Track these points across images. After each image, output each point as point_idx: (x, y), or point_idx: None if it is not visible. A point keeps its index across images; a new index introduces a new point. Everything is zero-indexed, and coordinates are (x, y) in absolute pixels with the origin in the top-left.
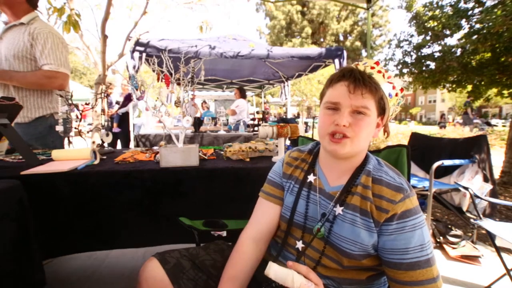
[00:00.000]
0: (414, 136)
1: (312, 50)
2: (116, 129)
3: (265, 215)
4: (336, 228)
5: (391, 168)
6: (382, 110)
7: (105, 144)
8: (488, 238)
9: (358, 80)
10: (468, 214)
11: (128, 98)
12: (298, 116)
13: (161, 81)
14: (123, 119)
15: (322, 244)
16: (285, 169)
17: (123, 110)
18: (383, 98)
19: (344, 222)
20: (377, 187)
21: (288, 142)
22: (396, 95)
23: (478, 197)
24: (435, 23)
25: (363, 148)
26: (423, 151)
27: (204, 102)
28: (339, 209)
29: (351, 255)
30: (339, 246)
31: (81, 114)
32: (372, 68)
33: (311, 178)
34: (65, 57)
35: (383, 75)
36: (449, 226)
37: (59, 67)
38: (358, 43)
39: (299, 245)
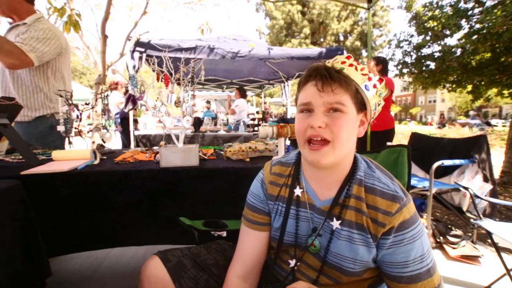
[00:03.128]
0: (414, 136)
1: (312, 50)
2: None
3: (250, 246)
4: (333, 247)
5: (383, 172)
6: (361, 105)
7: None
8: (488, 238)
9: (325, 77)
10: (468, 214)
11: (128, 99)
12: None
13: (161, 81)
14: (125, 120)
15: (318, 262)
16: (270, 190)
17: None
18: (360, 92)
19: (340, 239)
20: (371, 198)
21: (288, 142)
22: (374, 86)
23: (478, 197)
24: (435, 23)
25: (349, 152)
26: (423, 151)
27: (208, 102)
28: (336, 223)
29: (352, 273)
30: (339, 265)
31: (80, 114)
32: (343, 63)
33: (297, 191)
34: (47, 50)
35: (356, 68)
36: (449, 226)
37: (29, 52)
38: (358, 43)
39: (293, 263)
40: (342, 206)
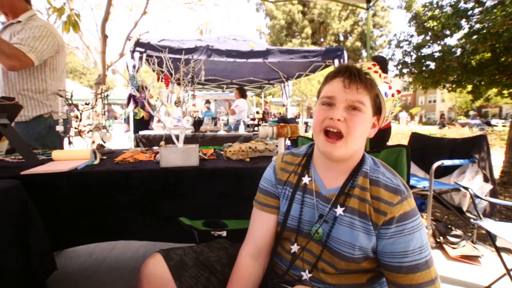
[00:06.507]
0: (414, 136)
1: (312, 50)
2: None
3: (261, 227)
4: (334, 232)
5: (387, 168)
6: (377, 109)
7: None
8: (488, 238)
9: (354, 75)
10: (468, 214)
11: (130, 99)
12: (298, 116)
13: (161, 81)
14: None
15: (319, 248)
16: (280, 176)
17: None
18: (379, 96)
19: (342, 225)
20: (374, 189)
21: (288, 142)
22: (393, 95)
23: (478, 197)
24: (435, 23)
25: (359, 148)
26: (423, 151)
27: (207, 102)
28: (340, 210)
29: (351, 259)
30: (338, 250)
31: (80, 114)
32: (369, 69)
33: (305, 179)
34: (45, 49)
35: (380, 75)
36: (449, 226)
37: (29, 52)
38: (358, 43)
39: (295, 248)
40: (347, 194)
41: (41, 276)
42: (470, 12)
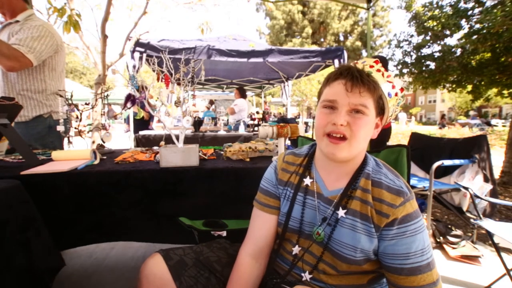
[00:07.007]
0: (414, 136)
1: (312, 50)
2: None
3: (261, 228)
4: (336, 234)
5: (389, 170)
6: (381, 110)
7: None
8: (488, 238)
9: (356, 78)
10: (468, 214)
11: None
12: (298, 116)
13: (161, 81)
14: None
15: (320, 249)
16: (281, 176)
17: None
18: (382, 98)
19: (343, 227)
20: (377, 191)
21: (288, 142)
22: (396, 94)
23: (478, 197)
24: (435, 23)
25: (362, 150)
26: (423, 151)
27: (211, 102)
28: (341, 212)
29: (353, 261)
30: (340, 252)
31: (80, 114)
32: (371, 67)
33: (307, 181)
34: (44, 49)
35: (382, 74)
36: (449, 226)
37: (28, 53)
38: (358, 43)
39: (296, 250)
40: (349, 196)
41: (44, 275)
42: (470, 12)
